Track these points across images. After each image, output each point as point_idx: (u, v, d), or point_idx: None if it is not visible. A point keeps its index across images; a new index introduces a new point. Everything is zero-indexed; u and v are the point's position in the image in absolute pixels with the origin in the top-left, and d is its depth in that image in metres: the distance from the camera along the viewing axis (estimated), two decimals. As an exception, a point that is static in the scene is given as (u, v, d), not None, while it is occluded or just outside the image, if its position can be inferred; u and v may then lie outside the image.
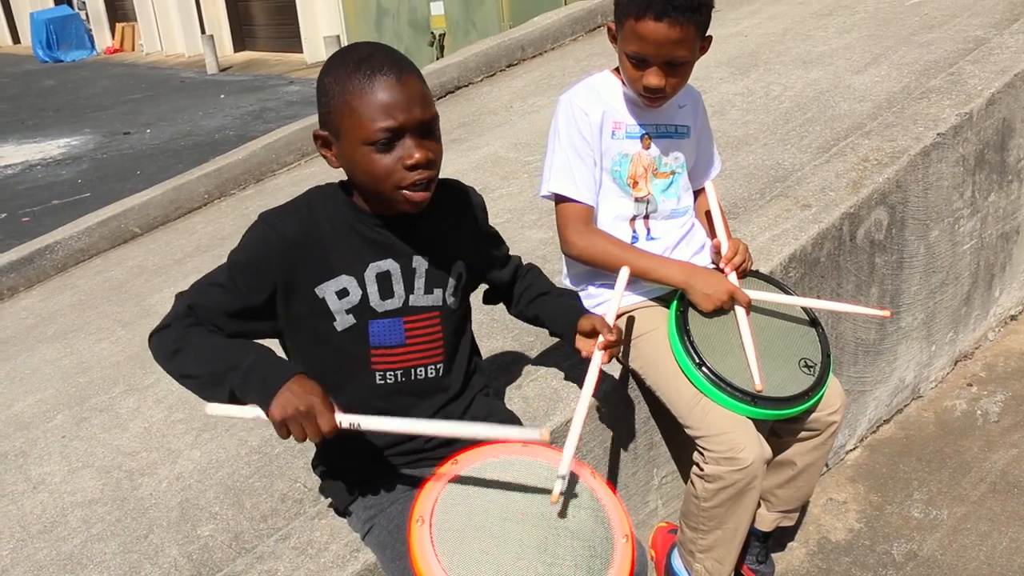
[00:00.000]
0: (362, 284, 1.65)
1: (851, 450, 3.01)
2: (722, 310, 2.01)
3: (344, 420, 1.47)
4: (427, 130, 1.57)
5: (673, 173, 2.12)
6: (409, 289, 1.69)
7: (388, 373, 1.70)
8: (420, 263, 1.69)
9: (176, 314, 1.57)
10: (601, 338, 1.73)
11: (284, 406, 1.42)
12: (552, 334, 1.95)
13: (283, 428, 1.43)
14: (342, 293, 1.64)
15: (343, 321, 1.65)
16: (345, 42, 12.46)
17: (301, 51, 17.18)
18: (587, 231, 2.01)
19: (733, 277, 2.06)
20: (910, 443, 3.04)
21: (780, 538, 2.60)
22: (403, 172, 1.55)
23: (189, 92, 15.34)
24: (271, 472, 2.55)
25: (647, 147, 2.07)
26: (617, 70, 2.08)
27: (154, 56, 21.63)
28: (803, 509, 2.70)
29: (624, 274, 1.90)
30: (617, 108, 2.05)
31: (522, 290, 1.95)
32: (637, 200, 2.08)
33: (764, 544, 2.36)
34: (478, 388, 1.82)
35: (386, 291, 1.67)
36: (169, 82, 16.99)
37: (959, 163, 3.08)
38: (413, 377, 1.71)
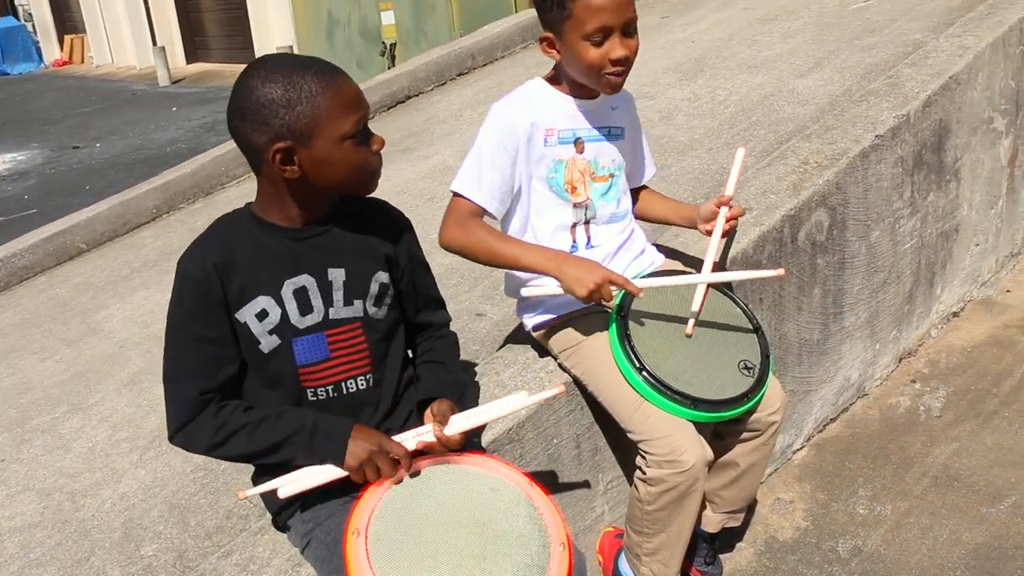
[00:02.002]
0: (280, 302, 1.65)
1: (798, 450, 3.04)
2: (666, 318, 2.02)
3: (408, 444, 1.63)
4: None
5: (611, 176, 2.13)
6: (328, 302, 1.68)
7: (319, 390, 1.70)
8: (336, 275, 1.69)
9: (190, 406, 1.62)
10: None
11: (357, 453, 1.58)
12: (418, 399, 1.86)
13: (360, 473, 1.58)
14: (262, 315, 1.64)
15: (268, 343, 1.65)
16: (298, 53, 12.37)
17: (254, 62, 17.02)
18: (468, 221, 1.98)
19: (722, 216, 2.16)
20: (856, 441, 3.08)
21: (728, 539, 2.62)
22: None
23: (140, 105, 15.14)
24: (216, 489, 2.52)
25: (581, 151, 2.07)
26: (550, 78, 2.09)
27: (104, 68, 21.31)
28: (750, 509, 2.73)
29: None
30: (549, 114, 2.05)
31: (425, 349, 1.90)
32: (576, 206, 2.08)
33: (711, 545, 2.38)
34: (414, 401, 1.81)
35: (305, 307, 1.67)
36: (120, 95, 16.75)
37: (898, 164, 3.14)
38: (344, 391, 1.71)
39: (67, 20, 23.88)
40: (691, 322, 2.04)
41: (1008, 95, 3.69)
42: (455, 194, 2.01)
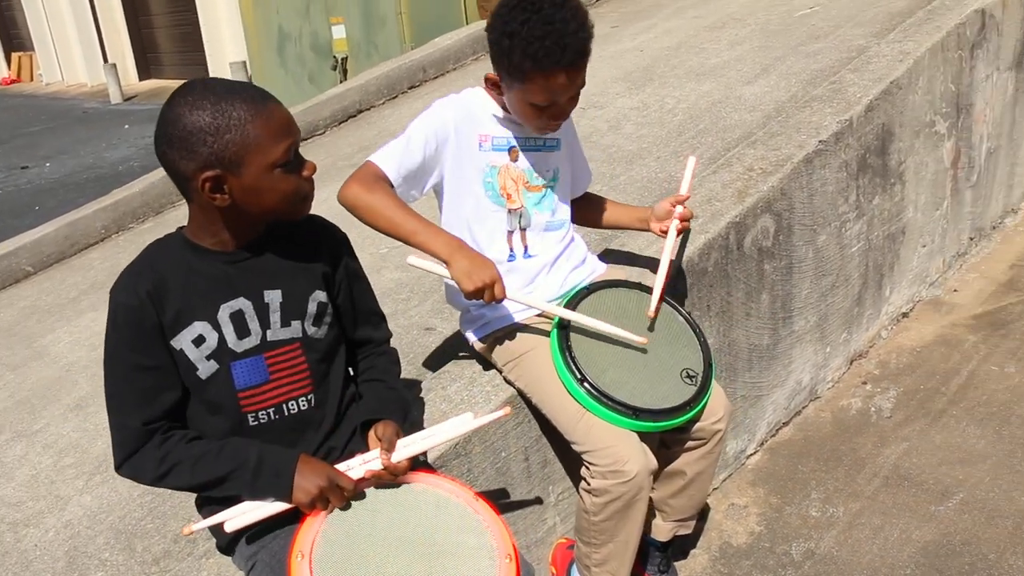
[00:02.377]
0: (217, 327, 1.63)
1: (751, 454, 3.06)
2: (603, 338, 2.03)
3: (354, 473, 1.62)
4: None
5: (546, 187, 2.13)
6: (265, 325, 1.66)
7: (260, 413, 1.67)
8: (273, 297, 1.67)
9: (134, 437, 1.60)
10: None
11: (307, 491, 1.57)
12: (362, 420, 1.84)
13: (309, 507, 1.57)
14: (199, 340, 1.62)
15: (205, 368, 1.63)
16: (250, 68, 12.29)
17: (208, 78, 16.91)
18: (374, 183, 1.91)
19: (676, 213, 2.18)
20: (808, 444, 3.11)
21: (683, 546, 2.63)
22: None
23: (92, 123, 14.96)
24: (164, 513, 2.48)
25: (515, 159, 2.07)
26: (490, 90, 2.09)
27: (55, 86, 21.05)
28: (704, 515, 2.75)
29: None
30: (485, 121, 2.05)
31: (367, 367, 1.88)
32: (511, 212, 2.08)
33: (664, 554, 2.38)
34: (357, 420, 1.79)
35: (242, 330, 1.64)
36: (71, 113, 16.53)
37: (842, 168, 3.18)
38: (286, 412, 1.69)
39: (14, 37, 23.56)
40: (652, 303, 2.10)
41: (949, 98, 3.75)
42: (367, 162, 1.98)
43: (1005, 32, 4.02)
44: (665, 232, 2.21)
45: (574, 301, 2.05)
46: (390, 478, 1.66)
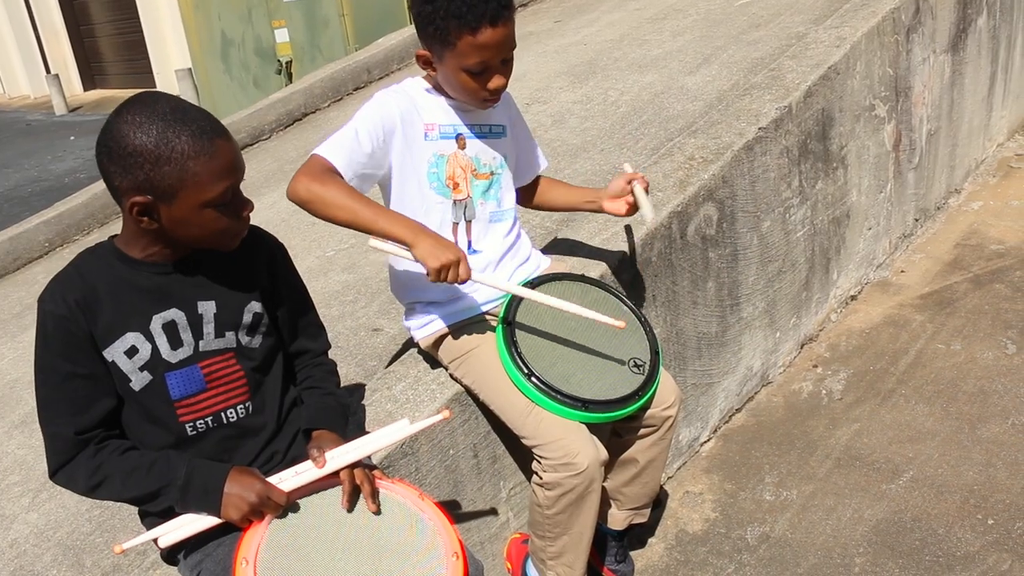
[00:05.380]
0: (150, 338, 1.60)
1: (705, 442, 3.08)
2: (552, 322, 2.02)
3: (286, 484, 1.60)
4: None
5: (492, 174, 2.11)
6: (198, 335, 1.64)
7: (198, 422, 1.65)
8: (207, 308, 1.65)
9: (67, 445, 1.58)
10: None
11: (238, 507, 1.54)
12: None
13: (243, 522, 1.55)
14: (131, 351, 1.59)
15: (139, 380, 1.60)
16: (196, 75, 12.14)
17: (154, 86, 16.63)
18: (325, 175, 1.86)
19: (639, 188, 2.19)
20: (761, 429, 3.13)
21: (640, 535, 2.64)
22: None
23: (36, 135, 14.66)
24: (113, 526, 2.44)
25: (463, 147, 2.06)
26: (429, 81, 2.07)
27: (-4, 100, 20.63)
28: (660, 504, 2.76)
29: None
30: (430, 110, 2.03)
31: (304, 377, 1.85)
32: (456, 203, 2.06)
33: (621, 543, 2.38)
34: (299, 424, 1.77)
35: (175, 341, 1.62)
36: (14, 125, 16.19)
37: (783, 154, 3.20)
38: (225, 420, 1.67)
39: (-47, 52, 23.02)
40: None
41: (887, 82, 3.80)
42: (314, 155, 1.93)
43: (939, 16, 4.08)
44: (616, 213, 2.25)
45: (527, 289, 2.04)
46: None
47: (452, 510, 2.13)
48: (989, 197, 4.65)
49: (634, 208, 2.23)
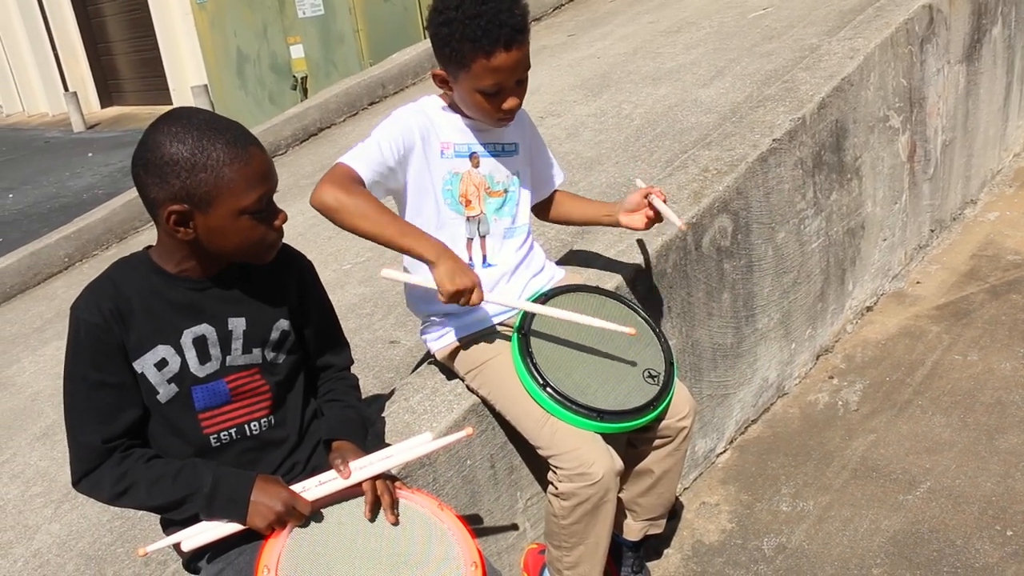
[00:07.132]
0: (180, 351, 1.63)
1: (721, 453, 3.08)
2: (568, 332, 2.04)
3: (310, 494, 1.62)
4: None
5: (506, 191, 2.14)
6: (226, 351, 1.67)
7: (222, 434, 1.68)
8: (237, 324, 1.67)
9: (92, 453, 1.59)
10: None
11: (264, 515, 1.56)
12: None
13: (268, 530, 1.57)
14: (161, 364, 1.62)
15: (166, 392, 1.63)
16: (212, 91, 12.24)
17: (170, 102, 16.77)
18: (350, 184, 1.86)
19: (657, 201, 2.22)
20: (777, 440, 3.13)
21: (656, 546, 2.64)
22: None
23: (55, 152, 14.80)
24: (134, 536, 2.46)
25: (476, 165, 2.08)
26: (444, 99, 2.10)
27: (15, 117, 20.82)
28: (676, 515, 2.76)
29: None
30: (445, 129, 2.06)
31: (326, 390, 1.88)
32: (469, 219, 2.08)
33: (637, 553, 2.39)
34: (319, 435, 1.79)
35: (204, 355, 1.65)
36: (32, 143, 16.36)
37: (797, 166, 3.21)
38: (248, 433, 1.70)
39: (-28, 70, 23.27)
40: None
41: (901, 93, 3.80)
42: (339, 163, 1.94)
43: (953, 26, 4.09)
44: (632, 226, 2.27)
45: (539, 302, 2.06)
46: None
47: (469, 521, 2.14)
48: (1005, 208, 4.63)
49: (653, 221, 2.25)
